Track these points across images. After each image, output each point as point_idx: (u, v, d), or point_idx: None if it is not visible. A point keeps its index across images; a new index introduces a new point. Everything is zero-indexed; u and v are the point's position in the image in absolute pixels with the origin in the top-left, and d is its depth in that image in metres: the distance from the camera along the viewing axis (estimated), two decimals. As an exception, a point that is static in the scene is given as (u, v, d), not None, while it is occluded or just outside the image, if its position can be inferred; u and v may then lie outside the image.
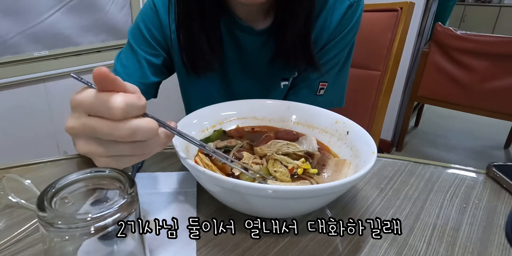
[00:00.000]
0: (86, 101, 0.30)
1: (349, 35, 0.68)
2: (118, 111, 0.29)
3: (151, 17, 0.67)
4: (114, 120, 0.30)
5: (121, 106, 0.29)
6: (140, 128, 0.31)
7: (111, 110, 0.29)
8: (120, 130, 0.30)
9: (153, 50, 0.67)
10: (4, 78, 1.42)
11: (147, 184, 0.51)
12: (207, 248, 0.40)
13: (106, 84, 0.30)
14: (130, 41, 0.68)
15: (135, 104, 0.30)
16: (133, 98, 0.30)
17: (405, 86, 2.19)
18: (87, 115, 0.31)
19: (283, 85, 0.71)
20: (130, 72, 0.66)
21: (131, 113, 0.30)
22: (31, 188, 0.45)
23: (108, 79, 0.29)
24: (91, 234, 0.26)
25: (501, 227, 0.46)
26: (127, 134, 0.30)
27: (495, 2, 4.25)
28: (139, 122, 0.31)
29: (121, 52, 0.69)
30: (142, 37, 0.67)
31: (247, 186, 0.36)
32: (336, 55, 0.69)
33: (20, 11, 1.39)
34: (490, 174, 0.57)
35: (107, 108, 0.29)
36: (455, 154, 2.34)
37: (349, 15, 0.65)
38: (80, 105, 0.30)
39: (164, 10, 0.65)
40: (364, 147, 0.48)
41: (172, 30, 0.66)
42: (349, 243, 0.42)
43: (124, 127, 0.30)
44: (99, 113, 0.30)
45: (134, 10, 1.79)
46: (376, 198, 0.51)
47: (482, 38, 1.82)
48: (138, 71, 0.66)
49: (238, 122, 0.60)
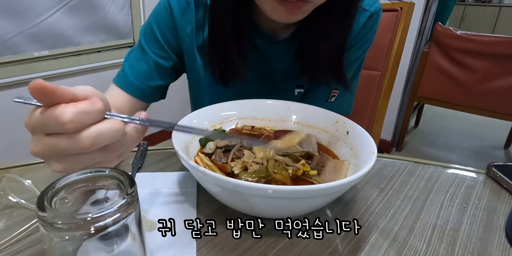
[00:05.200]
0: (37, 122, 0.28)
1: (365, 45, 0.68)
2: (70, 125, 0.27)
3: (165, 18, 0.64)
4: (71, 133, 0.28)
5: (71, 118, 0.27)
6: (102, 133, 0.29)
7: (63, 126, 0.27)
8: (80, 142, 0.28)
9: (163, 53, 0.66)
10: (4, 78, 1.42)
11: (147, 184, 0.51)
12: (207, 248, 0.40)
13: (48, 98, 0.27)
14: (141, 41, 0.66)
15: (88, 110, 0.28)
16: (84, 105, 0.28)
17: (405, 86, 2.19)
18: (45, 135, 0.29)
19: (297, 92, 0.70)
20: (137, 74, 0.65)
21: (86, 121, 0.28)
22: (31, 188, 0.45)
23: (47, 91, 0.27)
24: (91, 234, 0.26)
25: (501, 227, 0.46)
26: (89, 143, 0.29)
27: (495, 2, 4.25)
28: (99, 128, 0.29)
29: (131, 51, 0.68)
30: (154, 38, 0.65)
31: (247, 186, 0.36)
32: (351, 63, 0.69)
33: (20, 11, 1.39)
34: (490, 174, 0.57)
35: (58, 124, 0.27)
36: (455, 154, 2.34)
37: (368, 25, 0.65)
38: (34, 128, 0.29)
39: (180, 12, 0.63)
40: (364, 147, 0.48)
41: (187, 34, 0.64)
42: (349, 243, 0.42)
43: (83, 138, 0.28)
44: (54, 130, 0.28)
45: (134, 10, 1.79)
46: (376, 198, 0.51)
47: (482, 38, 1.82)
48: (146, 73, 0.65)
49: (238, 122, 0.60)
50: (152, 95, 0.68)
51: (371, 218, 0.46)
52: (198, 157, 0.49)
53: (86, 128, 0.29)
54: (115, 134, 0.30)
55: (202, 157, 0.49)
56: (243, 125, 0.59)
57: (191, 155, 0.49)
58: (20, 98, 0.29)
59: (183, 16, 0.63)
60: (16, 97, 0.29)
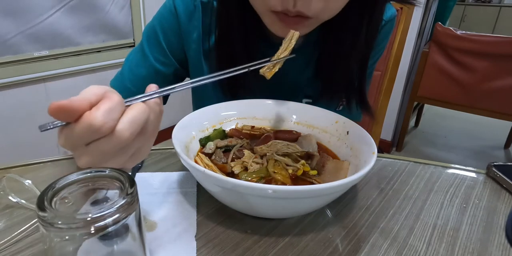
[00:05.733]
0: (74, 139, 0.29)
1: (378, 54, 0.67)
2: (105, 127, 0.29)
3: (170, 22, 0.61)
4: (108, 133, 0.29)
5: (102, 121, 0.28)
6: (133, 120, 0.31)
7: (99, 130, 0.29)
8: (120, 137, 0.30)
9: (165, 59, 0.63)
10: (4, 78, 1.42)
11: (147, 184, 0.51)
12: (207, 248, 0.40)
13: (69, 114, 0.28)
14: (144, 43, 0.64)
15: (111, 107, 0.30)
16: (106, 104, 0.29)
17: (405, 86, 2.19)
18: (86, 146, 0.30)
19: (305, 102, 0.68)
20: (136, 79, 0.63)
21: (116, 117, 0.30)
22: (31, 188, 0.45)
23: (66, 109, 0.28)
24: (91, 234, 0.26)
25: (501, 227, 0.46)
26: (128, 134, 0.30)
27: (495, 2, 4.25)
28: (129, 117, 0.31)
29: (132, 53, 0.66)
30: (156, 42, 0.62)
31: (247, 186, 0.36)
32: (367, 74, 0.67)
33: (20, 11, 1.39)
34: (490, 174, 0.57)
35: (94, 131, 0.29)
36: (455, 154, 2.34)
37: (383, 33, 0.64)
38: (74, 144, 0.30)
39: (186, 16, 0.60)
40: (364, 147, 0.48)
41: (194, 39, 0.62)
42: (349, 243, 0.42)
43: (120, 132, 0.30)
44: (92, 138, 0.30)
45: (134, 10, 1.79)
46: (376, 198, 0.51)
47: (482, 38, 1.82)
48: (144, 79, 0.63)
49: (238, 122, 0.60)
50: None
51: (371, 218, 0.46)
52: (198, 157, 0.49)
53: (118, 123, 0.30)
54: (144, 115, 0.31)
55: (202, 157, 0.49)
56: (243, 125, 0.59)
57: (191, 155, 0.49)
58: (45, 126, 0.29)
59: (190, 20, 0.61)
60: (40, 127, 0.29)
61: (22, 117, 1.53)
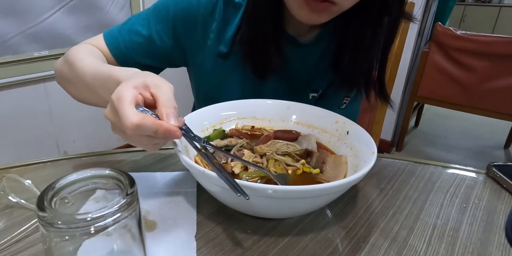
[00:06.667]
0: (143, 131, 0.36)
1: None
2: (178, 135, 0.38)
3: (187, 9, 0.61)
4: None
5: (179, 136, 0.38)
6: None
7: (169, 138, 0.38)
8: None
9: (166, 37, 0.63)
10: (4, 78, 1.42)
11: (147, 184, 0.51)
12: (207, 248, 0.40)
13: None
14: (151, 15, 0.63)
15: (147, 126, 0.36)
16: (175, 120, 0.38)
17: (405, 86, 2.19)
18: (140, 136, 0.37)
19: (311, 96, 0.69)
20: (131, 43, 0.63)
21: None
22: (31, 188, 0.45)
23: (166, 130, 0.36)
24: (91, 234, 0.26)
25: (501, 227, 0.46)
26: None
27: (495, 2, 4.25)
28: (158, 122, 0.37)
29: (138, 18, 0.64)
30: (165, 19, 0.62)
31: (247, 186, 0.36)
32: None
33: (20, 11, 1.39)
34: (490, 174, 0.57)
35: (166, 138, 0.38)
36: (455, 154, 2.34)
37: None
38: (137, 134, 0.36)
39: (206, 6, 0.61)
40: (364, 147, 0.48)
41: (212, 30, 0.62)
42: (349, 243, 0.42)
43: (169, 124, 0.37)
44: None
45: (134, 10, 1.79)
46: (376, 198, 0.51)
47: (482, 38, 1.82)
48: (139, 46, 0.63)
49: (238, 122, 0.60)
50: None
51: (371, 218, 0.46)
52: (198, 157, 0.49)
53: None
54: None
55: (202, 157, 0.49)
56: (243, 125, 0.59)
57: (191, 155, 0.49)
58: (142, 110, 0.37)
59: (211, 12, 0.61)
60: (136, 107, 0.37)
61: (22, 117, 1.53)
